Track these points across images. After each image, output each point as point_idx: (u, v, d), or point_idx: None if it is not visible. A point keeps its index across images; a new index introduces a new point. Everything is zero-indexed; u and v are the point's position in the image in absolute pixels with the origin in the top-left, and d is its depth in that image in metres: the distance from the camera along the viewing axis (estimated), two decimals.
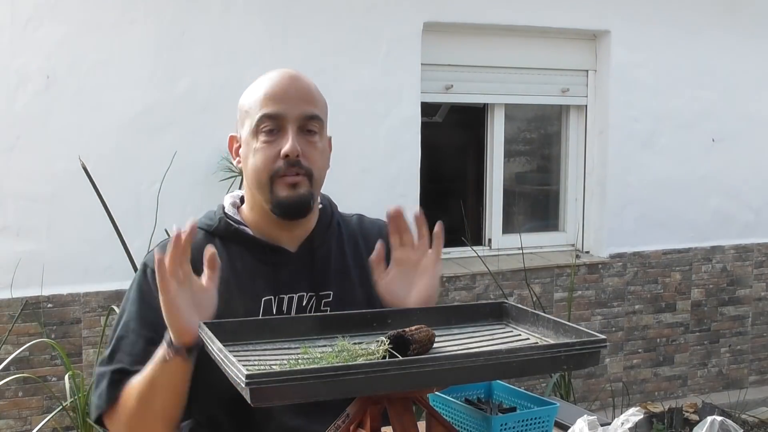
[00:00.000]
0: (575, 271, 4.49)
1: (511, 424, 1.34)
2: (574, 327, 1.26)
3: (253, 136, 1.52)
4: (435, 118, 4.89)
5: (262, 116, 1.51)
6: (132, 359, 1.50)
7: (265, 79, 1.56)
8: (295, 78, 1.56)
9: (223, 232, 1.59)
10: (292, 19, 3.90)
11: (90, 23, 3.58)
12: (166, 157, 3.58)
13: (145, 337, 1.50)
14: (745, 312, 5.09)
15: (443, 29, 4.26)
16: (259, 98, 1.53)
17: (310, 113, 1.53)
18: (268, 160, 1.51)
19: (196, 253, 1.52)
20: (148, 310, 1.51)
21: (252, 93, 1.55)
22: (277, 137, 1.51)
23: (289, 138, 1.50)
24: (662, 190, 4.75)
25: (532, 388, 4.24)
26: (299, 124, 1.52)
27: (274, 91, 1.52)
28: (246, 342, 1.26)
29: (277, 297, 1.54)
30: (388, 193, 4.05)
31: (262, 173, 1.51)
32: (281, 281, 1.55)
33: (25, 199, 3.53)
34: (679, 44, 4.70)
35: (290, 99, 1.52)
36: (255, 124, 1.52)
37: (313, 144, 1.53)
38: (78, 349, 3.62)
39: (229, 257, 1.56)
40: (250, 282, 1.54)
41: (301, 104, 1.53)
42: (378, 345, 1.19)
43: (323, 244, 1.61)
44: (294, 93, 1.53)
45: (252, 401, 1.03)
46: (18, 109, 3.50)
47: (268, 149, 1.51)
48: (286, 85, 1.54)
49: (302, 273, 1.57)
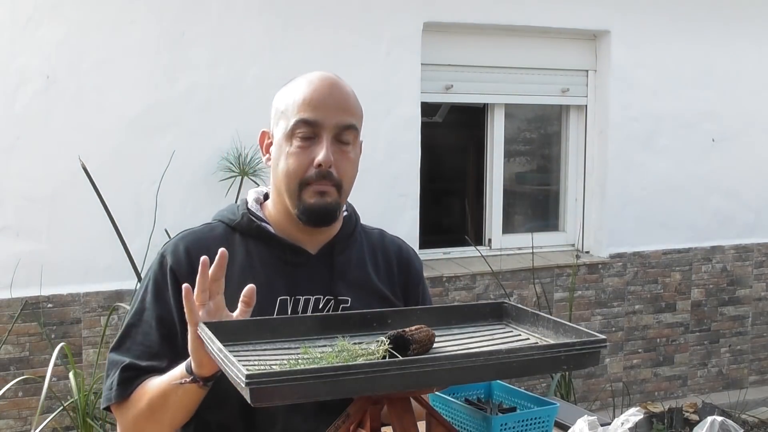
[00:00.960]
0: (575, 271, 4.49)
1: (511, 424, 1.34)
2: (574, 327, 1.26)
3: (287, 139, 1.51)
4: (435, 118, 4.88)
5: (299, 121, 1.49)
6: (141, 350, 1.49)
7: (305, 82, 1.54)
8: (335, 85, 1.54)
9: (244, 227, 1.57)
10: (292, 19, 3.90)
11: (90, 23, 3.57)
12: (166, 157, 3.58)
13: (158, 332, 1.50)
14: (745, 312, 5.09)
15: (443, 29, 4.26)
16: (298, 101, 1.51)
17: (347, 123, 1.52)
18: (300, 166, 1.49)
19: (215, 247, 1.49)
20: (162, 304, 1.51)
21: (290, 94, 1.53)
22: (312, 144, 1.49)
23: (324, 147, 1.48)
24: (662, 190, 4.75)
25: (532, 388, 4.24)
26: (335, 133, 1.50)
27: (313, 97, 1.50)
28: (246, 342, 1.26)
29: (293, 298, 1.53)
30: (388, 193, 4.05)
31: (292, 179, 1.50)
32: (299, 282, 1.54)
33: (25, 199, 3.53)
34: (679, 44, 4.70)
35: (328, 107, 1.50)
36: (290, 128, 1.50)
37: (346, 154, 1.52)
38: (78, 349, 3.62)
39: (247, 253, 1.55)
40: (267, 280, 1.53)
41: (339, 113, 1.51)
42: (378, 345, 1.19)
43: (344, 251, 1.61)
44: (333, 101, 1.51)
45: (252, 401, 1.03)
46: (18, 109, 3.50)
47: (301, 155, 1.49)
48: (326, 92, 1.52)
49: (321, 276, 1.56)
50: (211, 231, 1.58)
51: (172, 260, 1.52)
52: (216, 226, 1.59)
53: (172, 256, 1.53)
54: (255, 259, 1.55)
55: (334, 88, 1.53)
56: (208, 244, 1.53)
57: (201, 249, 1.51)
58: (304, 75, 1.56)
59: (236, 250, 1.54)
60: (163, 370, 1.45)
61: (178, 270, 1.51)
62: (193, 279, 1.46)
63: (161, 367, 1.46)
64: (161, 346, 1.48)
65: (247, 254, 1.55)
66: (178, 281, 1.49)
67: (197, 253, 1.50)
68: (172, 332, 1.49)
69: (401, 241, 1.73)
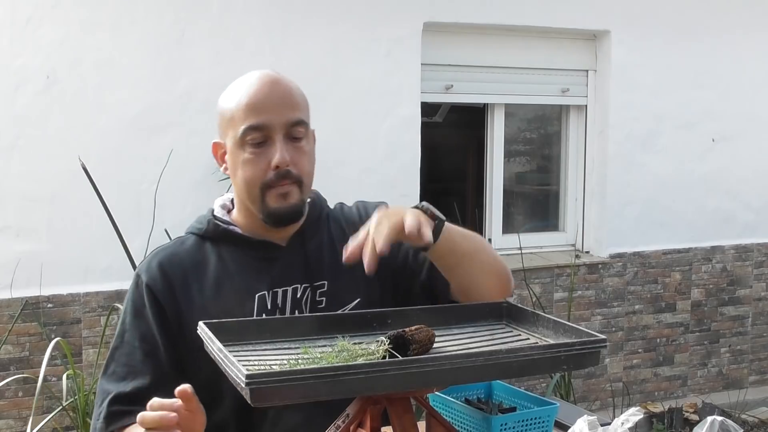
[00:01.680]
0: (575, 271, 4.49)
1: (511, 424, 1.34)
2: (573, 327, 1.26)
3: (239, 147, 1.50)
4: (435, 118, 4.89)
5: (247, 128, 1.48)
6: (126, 371, 1.50)
7: (245, 84, 1.51)
8: (275, 83, 1.52)
9: (212, 234, 1.59)
10: (292, 19, 3.90)
11: (90, 23, 3.57)
12: (166, 157, 3.58)
13: (140, 349, 1.51)
14: (745, 312, 5.09)
15: (443, 29, 4.26)
16: (242, 107, 1.49)
17: (296, 119, 1.50)
18: (258, 172, 1.49)
19: (188, 259, 1.55)
20: (142, 323, 1.52)
21: (232, 99, 1.52)
22: (265, 147, 1.49)
23: (278, 149, 1.48)
24: (662, 190, 4.75)
25: (532, 388, 4.24)
26: (285, 131, 1.50)
27: (256, 100, 1.49)
28: (246, 342, 1.26)
29: (271, 291, 1.53)
30: (388, 193, 4.04)
31: (253, 186, 1.50)
32: (274, 275, 1.55)
33: (25, 199, 3.53)
34: (679, 44, 4.70)
35: (274, 107, 1.49)
36: (240, 136, 1.49)
37: (301, 149, 1.52)
38: (78, 349, 3.62)
39: (220, 259, 1.56)
40: (243, 279, 1.54)
41: (285, 111, 1.50)
42: (378, 345, 1.19)
43: (314, 236, 1.61)
44: (276, 100, 1.50)
45: (252, 401, 1.03)
46: (18, 109, 3.50)
47: (256, 161, 1.49)
48: (268, 91, 1.50)
49: (294, 265, 1.57)
50: (183, 244, 1.60)
51: (146, 278, 1.54)
52: (187, 238, 1.61)
53: (146, 273, 1.55)
54: (228, 263, 1.56)
55: (275, 86, 1.51)
56: (181, 257, 1.56)
57: (173, 262, 1.55)
58: (242, 78, 1.54)
59: (209, 258, 1.56)
60: (147, 389, 1.46)
61: (154, 286, 1.53)
62: (168, 293, 1.51)
63: (145, 385, 1.48)
64: (144, 363, 1.50)
65: (219, 260, 1.56)
66: (155, 297, 1.52)
67: (170, 267, 1.54)
68: (154, 348, 1.50)
69: (359, 203, 1.71)
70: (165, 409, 1.19)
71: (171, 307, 1.52)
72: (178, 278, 1.54)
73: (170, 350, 1.51)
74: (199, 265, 1.56)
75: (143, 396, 1.46)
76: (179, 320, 1.51)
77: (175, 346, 1.51)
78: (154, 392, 1.46)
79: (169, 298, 1.52)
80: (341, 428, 1.21)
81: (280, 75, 1.55)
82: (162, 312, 1.51)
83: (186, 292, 1.53)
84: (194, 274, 1.54)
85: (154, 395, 1.46)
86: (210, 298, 1.53)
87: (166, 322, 1.51)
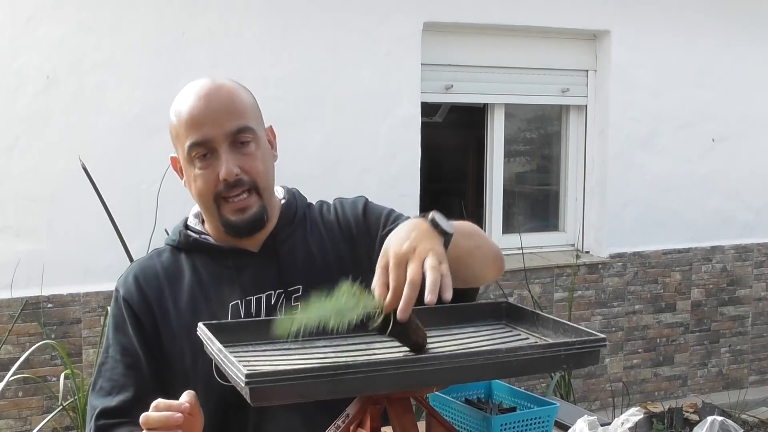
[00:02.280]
0: (575, 271, 4.49)
1: (511, 424, 1.34)
2: (573, 326, 1.26)
3: (189, 163, 1.51)
4: (435, 118, 4.89)
5: (190, 145, 1.48)
6: (111, 386, 1.52)
7: (185, 98, 1.51)
8: (213, 93, 1.50)
9: (185, 244, 1.59)
10: (292, 19, 3.90)
11: (90, 23, 3.57)
12: (166, 157, 3.56)
13: (123, 363, 1.52)
14: (745, 312, 5.09)
15: (443, 29, 4.26)
16: (182, 124, 1.49)
17: (237, 127, 1.48)
18: (208, 186, 1.49)
19: (162, 271, 1.55)
20: (123, 336, 1.53)
21: (175, 115, 1.52)
22: (212, 159, 1.49)
23: (223, 161, 1.47)
24: (662, 190, 4.75)
25: (532, 388, 4.24)
26: (229, 142, 1.48)
27: (194, 114, 1.48)
28: (246, 342, 1.26)
29: (244, 300, 1.53)
30: (388, 193, 4.04)
31: (206, 199, 1.51)
32: (246, 283, 1.54)
33: (25, 199, 3.53)
34: (679, 44, 4.70)
35: (211, 120, 1.47)
36: (186, 153, 1.50)
37: (249, 155, 1.50)
38: (78, 349, 3.62)
39: (194, 269, 1.56)
40: (216, 289, 1.54)
41: (225, 121, 1.48)
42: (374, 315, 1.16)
43: (286, 240, 1.59)
44: (213, 112, 1.48)
45: (252, 401, 1.03)
46: (18, 109, 3.50)
47: (205, 175, 1.49)
48: (204, 104, 1.48)
49: (267, 272, 1.55)
50: (159, 256, 1.60)
51: (123, 291, 1.56)
52: (163, 249, 1.62)
53: (124, 287, 1.56)
54: (202, 274, 1.56)
55: (212, 98, 1.49)
56: (156, 269, 1.57)
57: (149, 274, 1.56)
58: (184, 90, 1.53)
59: (183, 269, 1.57)
60: (131, 402, 1.48)
61: (131, 299, 1.54)
62: (144, 306, 1.52)
63: (129, 399, 1.49)
64: (126, 377, 1.51)
65: (193, 270, 1.56)
66: (132, 310, 1.53)
67: (145, 280, 1.55)
68: (136, 360, 1.51)
69: (337, 201, 1.68)
70: (172, 409, 1.20)
71: (147, 319, 1.53)
72: (153, 291, 1.54)
73: (151, 361, 1.52)
74: (173, 277, 1.56)
75: (128, 408, 1.49)
76: (157, 331, 1.53)
77: (156, 356, 1.52)
78: (138, 404, 1.47)
79: (145, 311, 1.53)
80: (341, 428, 1.21)
81: (220, 82, 1.53)
82: (140, 325, 1.53)
83: (161, 304, 1.54)
84: (169, 287, 1.55)
85: (139, 405, 1.46)
86: (184, 310, 1.53)
87: (145, 334, 1.52)
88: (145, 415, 1.21)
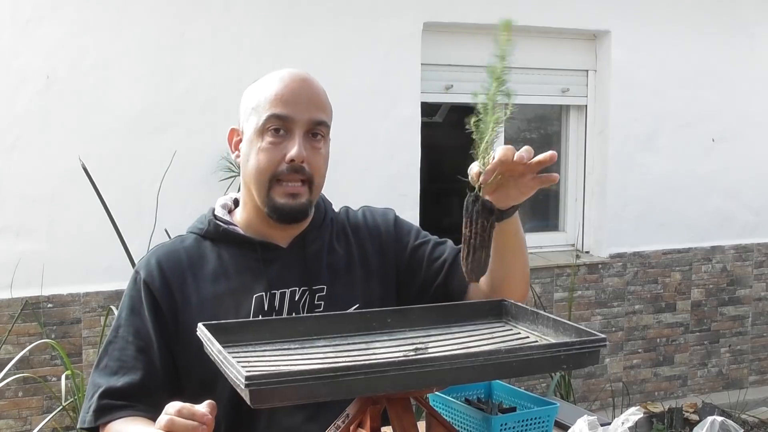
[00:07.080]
0: (575, 271, 4.49)
1: (511, 424, 1.34)
2: (573, 326, 1.26)
3: (259, 134, 1.51)
4: (435, 118, 4.89)
5: (271, 116, 1.50)
6: (118, 366, 1.50)
7: (276, 78, 1.54)
8: (307, 81, 1.54)
9: (212, 234, 1.59)
10: (292, 19, 3.90)
11: (90, 23, 3.57)
12: (166, 157, 3.58)
13: (134, 345, 1.51)
14: (745, 312, 5.09)
15: (443, 29, 4.26)
16: (269, 97, 1.51)
17: (319, 119, 1.53)
18: (272, 161, 1.50)
19: (186, 257, 1.55)
20: (138, 319, 1.52)
21: (261, 90, 1.54)
22: (284, 139, 1.50)
23: (296, 142, 1.49)
24: (662, 190, 4.75)
25: (532, 388, 4.24)
26: (306, 129, 1.51)
27: (285, 93, 1.51)
28: (246, 343, 1.26)
29: (268, 293, 1.53)
30: (388, 192, 4.05)
31: (263, 174, 1.51)
32: (272, 277, 1.54)
33: (25, 199, 3.53)
34: (679, 44, 4.70)
35: (300, 103, 1.51)
36: (262, 123, 1.50)
37: (317, 150, 1.53)
38: (78, 349, 3.62)
39: (219, 259, 1.56)
40: (241, 280, 1.54)
41: (311, 109, 1.52)
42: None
43: (316, 240, 1.61)
44: (305, 97, 1.52)
45: (252, 402, 1.03)
46: (18, 109, 3.50)
47: (273, 150, 1.50)
48: (298, 87, 1.52)
49: (294, 268, 1.56)
50: (182, 242, 1.60)
51: (144, 274, 1.54)
52: (187, 237, 1.62)
53: (145, 269, 1.55)
54: (227, 263, 1.56)
55: (306, 84, 1.54)
56: (179, 255, 1.56)
57: (172, 260, 1.56)
58: (275, 72, 1.56)
59: (207, 257, 1.57)
60: (138, 385, 1.47)
61: (152, 283, 1.53)
62: (165, 291, 1.52)
63: (136, 381, 1.48)
64: (136, 359, 1.50)
65: (218, 259, 1.56)
66: (152, 294, 1.52)
67: (168, 264, 1.54)
68: (148, 344, 1.50)
69: (365, 208, 1.72)
70: (197, 419, 1.18)
71: (167, 305, 1.52)
72: (176, 276, 1.54)
73: (164, 349, 1.51)
74: (197, 264, 1.56)
75: (134, 391, 1.47)
76: (176, 318, 1.51)
77: (170, 344, 1.51)
78: (143, 389, 1.47)
79: (166, 296, 1.52)
80: (341, 428, 1.21)
81: (311, 76, 1.57)
82: (158, 309, 1.51)
83: (183, 290, 1.53)
84: (192, 273, 1.55)
85: (144, 391, 1.47)
86: (207, 297, 1.53)
87: (161, 319, 1.51)
88: (170, 419, 1.18)
